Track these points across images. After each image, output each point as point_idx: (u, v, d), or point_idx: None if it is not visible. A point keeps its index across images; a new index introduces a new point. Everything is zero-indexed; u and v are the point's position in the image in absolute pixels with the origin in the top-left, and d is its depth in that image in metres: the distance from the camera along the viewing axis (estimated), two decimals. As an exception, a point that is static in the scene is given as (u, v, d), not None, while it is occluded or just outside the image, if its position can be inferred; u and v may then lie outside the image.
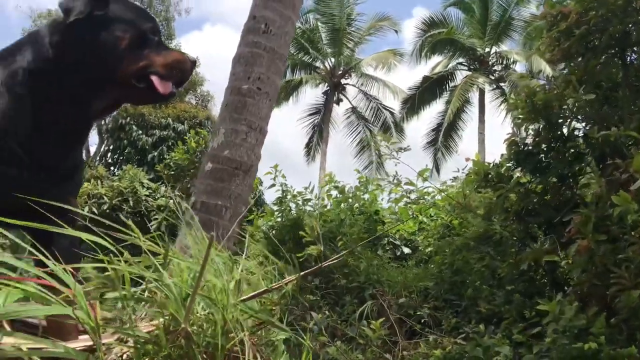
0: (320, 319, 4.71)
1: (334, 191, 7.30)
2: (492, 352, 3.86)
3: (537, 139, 4.80)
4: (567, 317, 3.47)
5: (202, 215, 4.60)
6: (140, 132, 19.80)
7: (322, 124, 28.10)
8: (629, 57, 4.83)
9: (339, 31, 26.60)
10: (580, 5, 4.54)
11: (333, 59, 28.00)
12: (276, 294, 1.68)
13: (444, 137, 26.71)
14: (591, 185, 3.87)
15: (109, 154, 20.59)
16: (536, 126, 4.83)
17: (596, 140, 4.17)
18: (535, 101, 4.56)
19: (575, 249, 3.67)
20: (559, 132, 4.71)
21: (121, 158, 19.90)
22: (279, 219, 7.16)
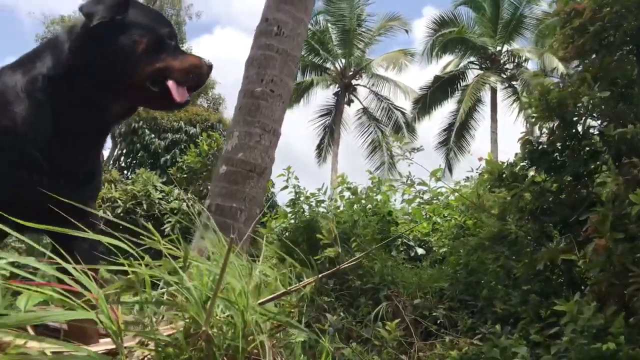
0: (336, 320, 4.70)
1: (346, 192, 7.29)
2: (510, 353, 3.83)
3: (551, 137, 4.76)
4: (585, 317, 3.44)
5: (217, 217, 4.60)
6: (153, 135, 19.94)
7: (333, 125, 28.06)
8: (644, 54, 4.78)
9: (349, 32, 26.57)
10: (595, 2, 4.50)
11: (343, 60, 27.96)
12: (294, 296, 1.68)
13: (456, 137, 26.56)
14: (607, 183, 3.83)
15: (122, 158, 20.75)
16: (550, 125, 4.79)
17: (612, 138, 4.13)
18: (550, 99, 4.52)
19: (593, 248, 3.64)
20: (573, 130, 4.67)
21: (134, 162, 20.04)
22: (292, 221, 7.16)
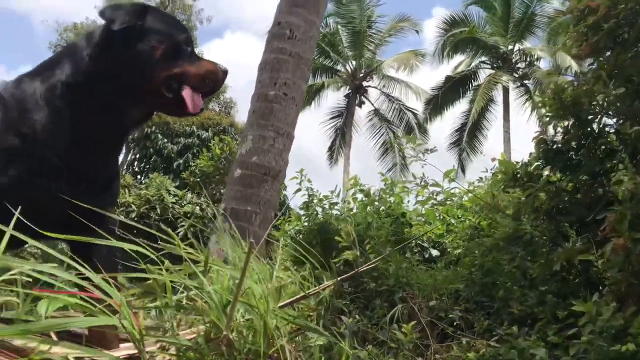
0: (351, 323, 4.69)
1: (359, 194, 7.26)
2: (528, 355, 3.79)
3: (566, 136, 4.71)
4: (604, 317, 3.40)
5: (232, 221, 4.62)
6: (166, 140, 20.06)
7: (345, 127, 28.03)
8: (659, 51, 4.73)
9: (359, 34, 26.55)
10: (609, -1, 4.46)
11: (354, 62, 27.94)
12: (313, 299, 1.68)
13: (468, 137, 26.43)
14: (624, 182, 3.78)
15: (135, 163, 20.90)
16: (565, 123, 4.75)
17: (629, 135, 4.07)
18: (564, 98, 4.48)
19: (611, 247, 3.59)
20: (589, 129, 4.61)
21: (148, 166, 20.18)
22: (305, 224, 7.15)
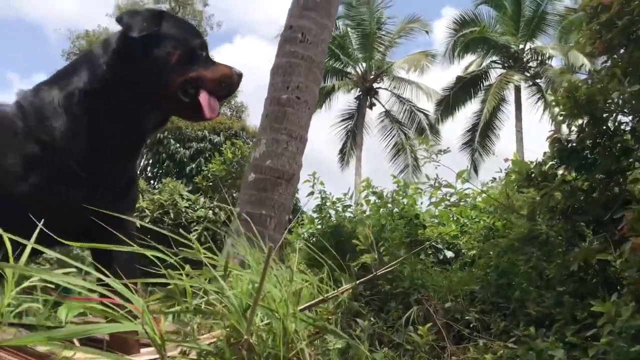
0: (367, 325, 4.68)
1: (372, 197, 7.25)
2: (546, 356, 3.76)
3: (581, 135, 4.67)
4: (623, 318, 3.36)
5: (247, 225, 4.64)
6: (178, 145, 20.18)
7: (356, 129, 28.00)
8: (674, 47, 4.68)
9: (369, 36, 26.52)
10: (622, -4, 4.42)
11: (364, 64, 27.91)
12: (332, 302, 1.68)
13: (480, 137, 26.27)
14: (641, 180, 3.75)
15: (148, 168, 21.03)
16: (579, 122, 4.71)
17: (645, 134, 4.04)
18: (578, 96, 4.44)
19: (630, 246, 3.56)
20: (604, 127, 4.58)
21: (160, 171, 20.30)
22: (319, 227, 7.15)
